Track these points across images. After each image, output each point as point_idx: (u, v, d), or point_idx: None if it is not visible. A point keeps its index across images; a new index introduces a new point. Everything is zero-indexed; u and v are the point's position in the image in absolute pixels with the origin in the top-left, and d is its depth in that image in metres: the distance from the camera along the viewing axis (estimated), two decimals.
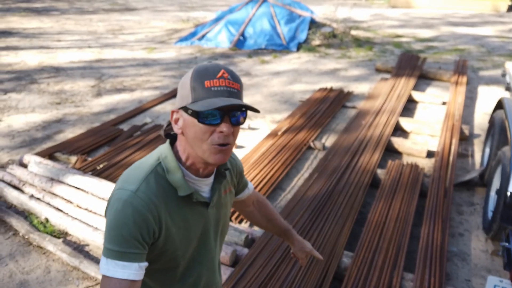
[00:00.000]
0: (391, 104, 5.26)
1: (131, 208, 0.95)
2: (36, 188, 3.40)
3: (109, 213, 0.99)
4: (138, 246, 0.96)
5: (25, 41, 9.94)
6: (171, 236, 1.03)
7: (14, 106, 5.66)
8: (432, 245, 2.70)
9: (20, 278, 2.66)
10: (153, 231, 0.98)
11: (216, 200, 1.14)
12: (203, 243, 1.14)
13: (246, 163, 3.90)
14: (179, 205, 1.04)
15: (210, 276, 1.20)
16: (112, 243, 0.95)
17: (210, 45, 9.65)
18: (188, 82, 0.98)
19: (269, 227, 1.48)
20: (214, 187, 1.12)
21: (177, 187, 1.02)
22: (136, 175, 1.01)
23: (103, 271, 0.96)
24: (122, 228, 0.95)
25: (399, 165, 3.72)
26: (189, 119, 0.98)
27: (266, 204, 1.47)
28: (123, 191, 0.98)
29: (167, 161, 1.03)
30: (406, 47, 9.55)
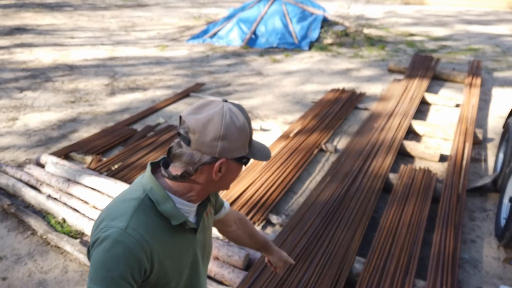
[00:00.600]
0: (404, 106, 5.24)
1: (121, 247, 0.91)
2: (53, 188, 3.47)
3: (96, 252, 0.93)
4: (127, 287, 0.92)
5: (39, 38, 10.07)
6: (163, 269, 1.01)
7: (30, 105, 5.76)
8: (444, 252, 2.71)
9: (39, 277, 2.74)
10: (144, 269, 0.95)
11: (202, 225, 1.14)
12: (194, 270, 1.14)
13: (257, 166, 3.94)
14: (171, 235, 1.02)
15: None
16: (99, 284, 0.90)
17: (221, 43, 9.68)
18: (244, 133, 0.99)
19: (250, 243, 1.50)
20: (199, 211, 1.12)
21: (170, 217, 0.99)
22: (122, 210, 0.97)
23: None
24: (112, 269, 0.90)
25: (411, 169, 3.72)
26: (236, 166, 1.03)
27: (246, 221, 1.49)
28: (111, 229, 0.93)
29: (154, 192, 0.99)
30: (419, 46, 9.47)
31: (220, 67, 7.80)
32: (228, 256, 2.66)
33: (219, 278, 2.59)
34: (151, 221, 0.98)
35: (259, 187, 3.57)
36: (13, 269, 2.81)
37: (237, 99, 5.98)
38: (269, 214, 3.28)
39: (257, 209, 3.31)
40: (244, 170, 3.82)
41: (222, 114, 0.96)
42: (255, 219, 3.21)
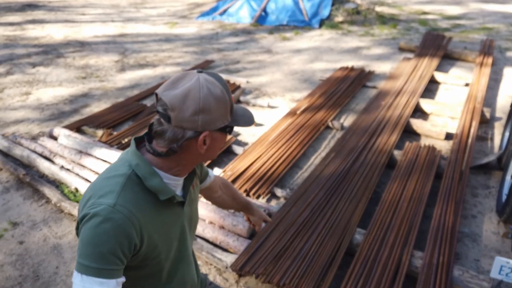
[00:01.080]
0: (412, 84, 5.23)
1: (110, 224, 0.91)
2: (66, 160, 3.59)
3: (85, 228, 0.93)
4: (116, 262, 0.93)
5: (50, 14, 10.13)
6: (153, 243, 1.01)
7: (42, 80, 5.87)
8: (444, 226, 2.77)
9: (54, 242, 2.88)
10: (134, 245, 0.95)
11: (189, 197, 1.15)
12: (182, 242, 1.15)
13: (264, 141, 4.00)
14: (158, 210, 1.02)
15: (191, 269, 1.24)
16: (89, 260, 0.90)
17: (231, 20, 9.63)
18: (224, 103, 0.97)
19: (234, 205, 1.58)
20: (186, 184, 1.12)
21: (157, 191, 0.99)
22: (109, 187, 0.96)
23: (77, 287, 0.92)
24: (101, 245, 0.90)
25: (416, 146, 3.76)
26: (220, 136, 1.03)
27: (229, 184, 1.54)
28: (99, 206, 0.92)
29: (140, 167, 0.98)
30: (432, 25, 9.31)
31: (229, 44, 7.80)
32: (233, 226, 2.76)
33: (225, 246, 2.70)
34: (139, 197, 0.97)
35: (265, 162, 3.64)
36: (29, 234, 2.95)
37: (245, 77, 6.01)
38: (274, 188, 3.37)
39: (263, 183, 3.40)
40: (250, 146, 3.90)
41: (199, 86, 0.94)
42: (260, 192, 3.30)
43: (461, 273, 2.38)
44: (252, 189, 3.31)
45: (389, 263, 2.46)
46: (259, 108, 4.99)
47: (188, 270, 1.22)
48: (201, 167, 1.31)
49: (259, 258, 2.49)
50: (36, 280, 2.57)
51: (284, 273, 2.37)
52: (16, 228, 3.01)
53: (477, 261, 2.68)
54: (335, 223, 2.78)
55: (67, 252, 2.79)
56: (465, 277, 2.35)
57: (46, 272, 2.63)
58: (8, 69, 6.24)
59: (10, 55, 6.90)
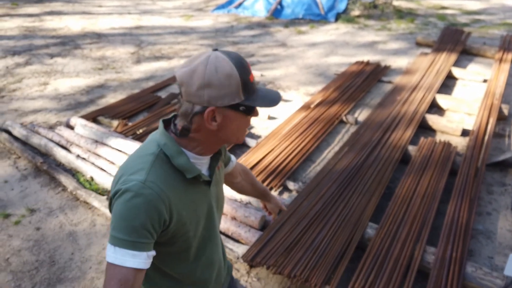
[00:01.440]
0: (429, 80, 5.15)
1: (141, 199, 0.95)
2: (82, 149, 3.66)
3: (117, 203, 0.97)
4: (147, 236, 0.96)
5: (68, 6, 10.25)
6: (182, 219, 1.05)
7: (60, 70, 5.96)
8: (458, 222, 2.75)
9: (69, 229, 2.94)
10: (164, 220, 0.99)
11: (215, 177, 1.18)
12: (209, 221, 1.18)
13: (278, 134, 4.00)
14: (186, 188, 1.05)
15: (218, 250, 1.27)
16: (122, 233, 0.95)
17: (246, 13, 9.61)
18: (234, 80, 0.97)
19: (252, 191, 1.61)
20: (212, 165, 1.15)
21: (184, 170, 1.03)
22: (140, 164, 1.00)
23: (110, 259, 0.95)
24: (133, 219, 0.94)
25: (431, 142, 3.72)
26: (234, 115, 1.01)
27: (248, 171, 1.57)
28: (130, 182, 0.97)
29: (168, 147, 1.03)
30: (451, 20, 9.14)
31: (244, 37, 7.79)
32: (245, 217, 2.78)
33: (236, 237, 2.72)
34: (167, 174, 1.01)
35: (278, 155, 3.65)
36: (46, 220, 3.02)
37: (260, 70, 6.00)
38: (286, 181, 3.38)
39: (275, 175, 3.41)
40: (263, 139, 3.91)
41: (206, 62, 0.96)
42: (272, 185, 3.31)
43: (474, 269, 2.35)
44: (265, 182, 3.32)
45: (401, 258, 2.44)
46: None
47: (216, 250, 1.25)
48: (224, 151, 1.31)
49: (271, 249, 2.50)
50: (52, 265, 2.63)
51: (295, 264, 2.38)
52: (33, 214, 3.08)
53: (490, 259, 2.65)
54: (347, 217, 2.78)
55: (82, 239, 2.85)
56: (478, 273, 2.32)
57: (61, 258, 2.69)
58: (27, 60, 6.35)
59: (29, 45, 7.02)
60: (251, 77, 1.00)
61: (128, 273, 0.95)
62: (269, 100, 1.02)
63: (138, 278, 0.97)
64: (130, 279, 0.95)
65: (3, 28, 8.02)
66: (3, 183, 3.43)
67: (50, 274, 2.56)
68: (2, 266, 2.62)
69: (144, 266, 0.97)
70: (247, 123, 1.06)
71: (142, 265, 0.97)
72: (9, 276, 2.54)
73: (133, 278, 0.96)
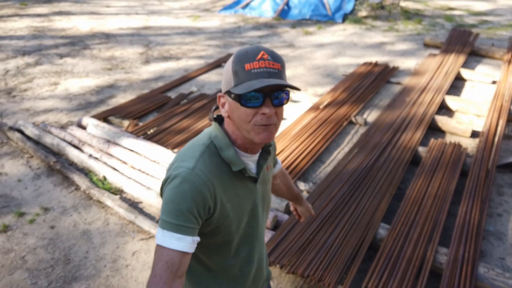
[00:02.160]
0: (438, 81, 5.15)
1: (189, 184, 1.00)
2: (94, 149, 3.70)
3: (167, 188, 1.03)
4: (193, 221, 1.00)
5: (76, 6, 10.32)
6: (225, 211, 1.08)
7: (70, 71, 6.01)
8: (469, 223, 2.76)
9: (83, 227, 2.98)
10: (208, 207, 1.03)
11: (262, 177, 1.19)
12: (253, 218, 1.19)
13: (287, 135, 4.03)
14: (232, 181, 1.09)
15: (260, 250, 1.27)
16: (170, 216, 1.00)
17: (253, 14, 9.64)
18: (230, 67, 1.02)
19: (287, 194, 1.61)
20: (259, 163, 1.17)
21: (230, 162, 1.07)
22: (191, 153, 1.06)
23: (159, 241, 1.00)
24: (180, 203, 0.99)
25: (441, 143, 3.72)
26: (232, 103, 1.03)
27: (286, 174, 1.59)
28: (180, 169, 1.03)
29: (218, 139, 1.08)
30: (458, 21, 9.12)
31: (251, 38, 7.81)
32: None
33: None
34: (215, 165, 1.06)
35: (288, 155, 3.67)
36: (60, 219, 3.06)
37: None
38: (297, 181, 3.40)
39: None
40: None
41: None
42: None
43: (486, 270, 2.36)
44: None
45: (413, 259, 2.46)
46: None
47: (257, 249, 1.25)
48: (273, 152, 1.33)
49: (283, 249, 2.53)
50: (67, 264, 2.67)
51: (308, 264, 2.41)
52: (47, 213, 3.12)
53: (502, 260, 2.66)
54: (358, 218, 2.80)
55: (96, 238, 2.88)
56: (491, 274, 2.34)
57: (76, 256, 2.73)
58: (37, 60, 6.41)
59: (38, 45, 7.08)
60: (249, 65, 0.99)
61: (174, 256, 0.99)
62: (250, 85, 0.97)
63: (184, 262, 1.01)
64: (176, 261, 0.99)
65: (12, 28, 8.09)
66: (16, 182, 3.47)
67: (66, 272, 2.60)
68: (18, 263, 2.66)
69: (189, 250, 1.01)
70: (247, 115, 1.01)
71: (187, 249, 1.00)
72: (26, 274, 2.58)
73: (179, 261, 1.00)
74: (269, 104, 1.00)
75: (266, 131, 1.02)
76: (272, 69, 0.99)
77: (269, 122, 1.02)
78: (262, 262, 1.31)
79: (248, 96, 0.99)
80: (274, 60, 1.00)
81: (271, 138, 1.04)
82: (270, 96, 1.00)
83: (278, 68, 1.01)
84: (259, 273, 1.31)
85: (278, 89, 1.01)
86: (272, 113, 1.01)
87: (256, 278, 1.30)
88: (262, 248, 1.30)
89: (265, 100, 1.00)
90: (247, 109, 1.01)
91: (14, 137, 4.00)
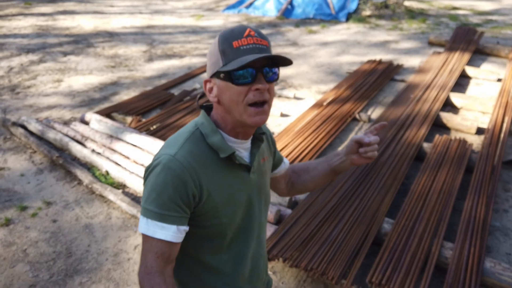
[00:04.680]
0: (442, 78, 5.12)
1: (170, 172, 0.97)
2: (97, 144, 3.69)
3: (149, 176, 1.00)
4: (177, 210, 0.97)
5: (80, 6, 10.35)
6: (213, 201, 1.03)
7: (73, 68, 6.02)
8: (475, 218, 2.72)
9: (85, 221, 2.96)
10: (192, 194, 0.98)
11: (257, 167, 1.13)
12: (248, 212, 1.13)
13: (290, 131, 4.00)
14: (221, 169, 1.04)
15: (256, 247, 1.19)
16: (152, 205, 0.97)
17: (257, 13, 9.63)
18: (216, 48, 0.98)
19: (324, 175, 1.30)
20: (252, 151, 1.11)
21: (217, 149, 1.02)
22: (175, 141, 1.03)
23: (142, 230, 0.99)
24: (161, 192, 0.96)
25: (446, 139, 3.69)
26: (222, 84, 0.99)
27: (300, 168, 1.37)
28: (162, 156, 1.00)
29: (204, 126, 1.04)
30: (463, 20, 9.08)
31: None
32: None
33: None
34: (200, 151, 1.01)
35: (291, 151, 3.65)
36: (62, 213, 3.05)
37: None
38: None
39: None
40: (276, 135, 3.90)
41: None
42: None
43: (492, 265, 2.33)
44: None
45: (418, 253, 2.43)
46: (285, 99, 4.99)
47: (252, 246, 1.17)
48: (274, 146, 1.28)
49: (286, 243, 2.50)
50: (69, 257, 2.65)
51: (312, 258, 2.38)
52: (50, 207, 3.11)
53: (508, 255, 2.62)
54: (362, 212, 2.77)
55: (98, 232, 2.87)
56: (497, 269, 2.30)
57: (78, 249, 2.72)
58: (41, 57, 6.42)
59: (42, 44, 7.10)
60: (237, 42, 0.96)
61: (162, 246, 0.98)
62: (241, 61, 0.94)
63: (173, 250, 1.01)
64: (165, 251, 0.99)
65: (17, 27, 8.12)
66: (19, 177, 3.47)
67: (67, 265, 2.58)
68: (20, 257, 2.65)
69: (174, 239, 0.99)
70: (239, 93, 0.97)
71: (171, 238, 0.98)
72: (27, 267, 2.57)
73: (168, 250, 0.99)
74: (261, 80, 0.98)
75: (259, 114, 0.99)
76: (260, 45, 0.97)
77: (262, 98, 0.98)
78: (258, 261, 1.22)
79: (239, 73, 0.95)
80: (261, 37, 0.98)
81: (264, 120, 1.00)
82: (261, 72, 0.97)
83: (266, 45, 0.98)
84: (255, 273, 1.22)
85: (269, 65, 0.99)
86: (266, 88, 0.98)
87: (252, 279, 1.21)
88: (259, 247, 1.21)
89: (257, 76, 0.97)
90: (239, 87, 0.97)
91: (17, 133, 4.00)
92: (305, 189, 1.38)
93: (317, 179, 1.32)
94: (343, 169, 1.26)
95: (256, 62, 0.95)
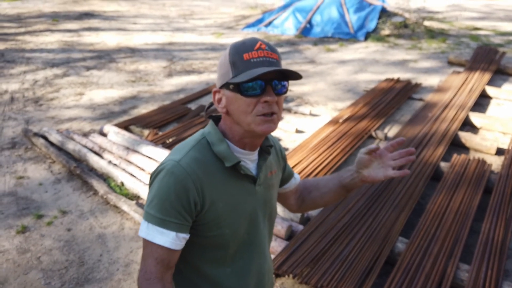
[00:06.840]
0: (462, 98, 5.05)
1: (173, 177, 0.97)
2: (114, 155, 3.75)
3: (154, 181, 1.02)
4: (177, 216, 0.98)
5: (105, 23, 10.69)
6: (215, 211, 1.02)
7: (95, 82, 6.18)
8: (493, 241, 2.64)
9: (99, 231, 3.00)
10: (194, 202, 0.99)
11: (263, 179, 1.12)
12: (253, 225, 1.11)
13: (305, 147, 3.99)
14: (226, 178, 1.04)
15: (261, 262, 1.17)
16: (154, 210, 0.98)
17: (276, 32, 9.75)
18: (226, 59, 1.00)
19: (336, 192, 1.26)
20: (259, 163, 1.11)
21: (223, 157, 1.02)
22: (181, 148, 1.05)
23: (142, 234, 0.99)
24: (164, 197, 0.97)
25: (464, 159, 3.61)
26: (231, 95, 1.00)
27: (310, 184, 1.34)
28: (167, 161, 1.01)
29: (211, 135, 1.05)
30: (484, 40, 8.98)
31: None
32: None
33: None
34: (206, 159, 1.02)
35: (305, 167, 3.63)
36: (77, 222, 3.10)
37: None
38: None
39: None
40: (290, 151, 3.90)
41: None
42: None
43: None
44: None
45: (432, 274, 2.36)
46: (301, 116, 5.00)
47: (260, 261, 1.16)
48: (284, 161, 1.26)
49: (297, 259, 2.47)
50: (81, 266, 2.68)
51: (322, 275, 2.34)
52: (65, 216, 3.17)
53: None
54: (376, 231, 2.72)
55: (111, 242, 2.89)
56: None
57: (90, 258, 2.74)
58: (64, 71, 6.64)
59: (67, 58, 7.34)
60: (247, 54, 0.97)
61: (162, 252, 0.99)
62: (251, 73, 0.95)
63: (173, 256, 1.02)
64: (165, 257, 1.00)
65: (44, 42, 8.43)
66: (37, 186, 3.55)
67: (79, 274, 2.61)
68: (33, 264, 2.69)
69: (172, 246, 0.99)
70: (248, 105, 0.98)
71: (169, 244, 0.98)
72: (40, 274, 2.61)
73: (168, 257, 1.00)
74: (270, 92, 0.99)
75: (268, 122, 0.99)
76: (271, 58, 0.99)
77: (271, 110, 0.99)
78: (263, 277, 1.19)
79: (249, 85, 0.97)
80: (272, 51, 1.00)
81: (273, 128, 1.01)
82: (270, 84, 0.99)
83: (276, 58, 1.00)
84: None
85: (279, 78, 1.00)
86: (274, 100, 0.99)
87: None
88: (264, 262, 1.18)
89: (266, 88, 0.98)
90: (248, 98, 0.98)
91: (38, 143, 4.11)
92: (315, 206, 1.35)
93: (327, 197, 1.28)
94: (354, 186, 1.22)
95: (265, 75, 0.97)
